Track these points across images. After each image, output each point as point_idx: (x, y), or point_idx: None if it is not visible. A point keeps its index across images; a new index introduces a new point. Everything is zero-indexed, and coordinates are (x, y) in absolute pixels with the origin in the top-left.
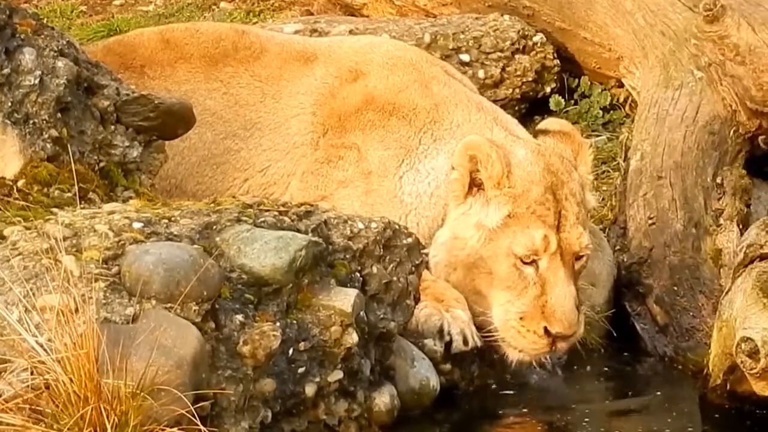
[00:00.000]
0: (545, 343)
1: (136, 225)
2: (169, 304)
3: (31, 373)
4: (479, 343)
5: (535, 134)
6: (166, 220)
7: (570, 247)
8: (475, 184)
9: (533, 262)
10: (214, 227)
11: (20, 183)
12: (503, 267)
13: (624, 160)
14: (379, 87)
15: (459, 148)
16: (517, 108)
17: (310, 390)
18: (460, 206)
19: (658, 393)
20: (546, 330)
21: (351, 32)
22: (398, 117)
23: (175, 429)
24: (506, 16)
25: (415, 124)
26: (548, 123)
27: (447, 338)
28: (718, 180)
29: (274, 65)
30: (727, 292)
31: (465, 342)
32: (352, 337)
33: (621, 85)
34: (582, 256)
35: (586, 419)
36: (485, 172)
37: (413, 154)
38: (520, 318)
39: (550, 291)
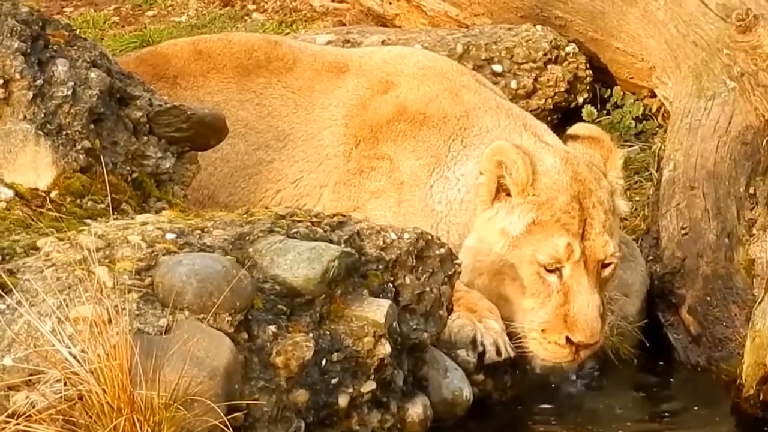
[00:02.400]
0: (567, 352)
1: (169, 236)
2: (201, 315)
3: (65, 384)
4: (512, 354)
5: (565, 140)
6: (199, 231)
7: (595, 255)
8: (502, 190)
9: (557, 270)
10: (247, 238)
11: (53, 194)
12: (527, 274)
13: (657, 170)
14: (410, 97)
15: (486, 153)
16: (549, 118)
17: (343, 401)
18: (487, 211)
19: (691, 403)
20: (568, 339)
21: (383, 43)
22: (429, 126)
23: None
24: (539, 27)
25: (445, 132)
26: (578, 128)
27: (480, 349)
28: (751, 190)
29: (306, 76)
30: (760, 302)
31: (498, 352)
32: (385, 348)
33: (653, 96)
34: (609, 264)
35: (619, 430)
36: (510, 178)
37: (443, 162)
38: (542, 330)
39: (573, 300)
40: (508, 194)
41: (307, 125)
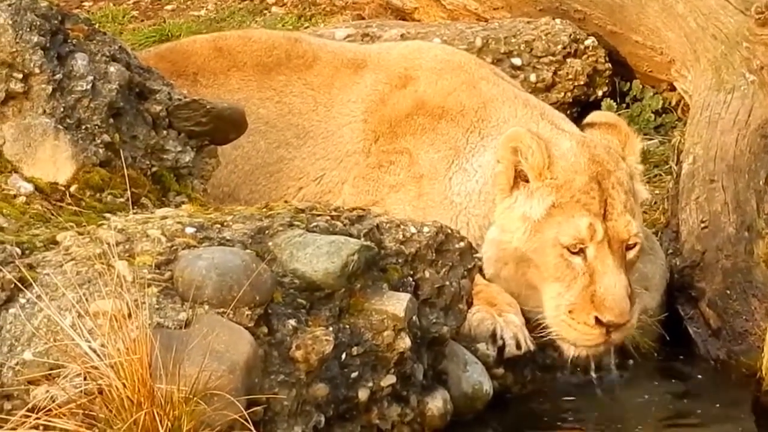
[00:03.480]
0: (597, 333)
1: (189, 230)
2: (221, 309)
3: (85, 379)
4: (532, 348)
5: (582, 128)
6: (219, 225)
7: (618, 234)
8: (520, 177)
9: (580, 252)
10: (267, 232)
11: (73, 188)
12: (551, 258)
13: (676, 164)
14: (429, 91)
15: (502, 141)
16: (568, 112)
17: (362, 395)
18: (506, 200)
19: (711, 397)
20: (597, 320)
21: (402, 36)
22: (447, 120)
23: None
24: (558, 20)
25: (463, 124)
26: (594, 116)
27: (500, 342)
28: None
29: (325, 73)
30: None
31: (518, 346)
32: (405, 342)
33: (673, 89)
34: (633, 246)
35: (639, 426)
36: (526, 163)
37: (461, 154)
38: (570, 311)
39: (599, 279)
40: (527, 181)
41: (326, 122)
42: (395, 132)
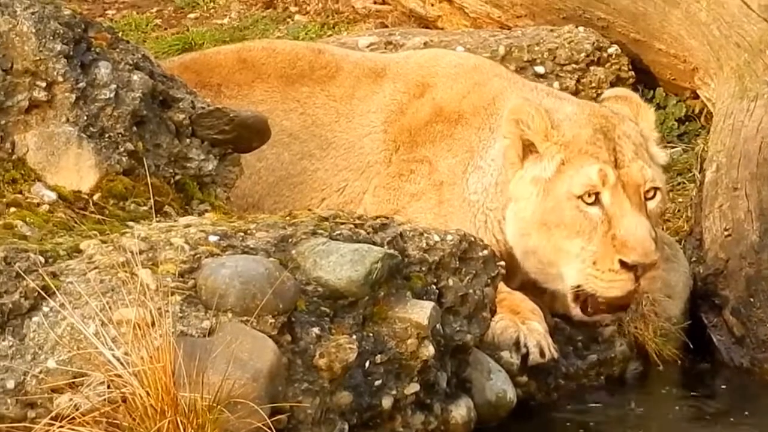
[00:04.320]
0: (626, 277)
1: (212, 238)
2: (245, 317)
3: (108, 387)
4: (556, 355)
5: None
6: (242, 234)
7: (632, 179)
8: (528, 149)
9: (596, 201)
10: (290, 240)
11: (96, 197)
12: (567, 212)
13: (699, 172)
14: (445, 97)
15: (504, 116)
16: None
17: (386, 402)
18: (518, 172)
19: (735, 405)
20: (623, 263)
21: (425, 44)
22: (462, 124)
23: None
24: (581, 28)
25: (474, 123)
26: (608, 92)
27: (523, 350)
28: None
29: (347, 84)
30: None
31: (542, 354)
32: (429, 350)
33: (696, 97)
34: (653, 195)
35: None
36: (530, 130)
37: (476, 153)
38: (594, 263)
39: (618, 223)
40: (534, 150)
41: (348, 133)
42: (415, 141)
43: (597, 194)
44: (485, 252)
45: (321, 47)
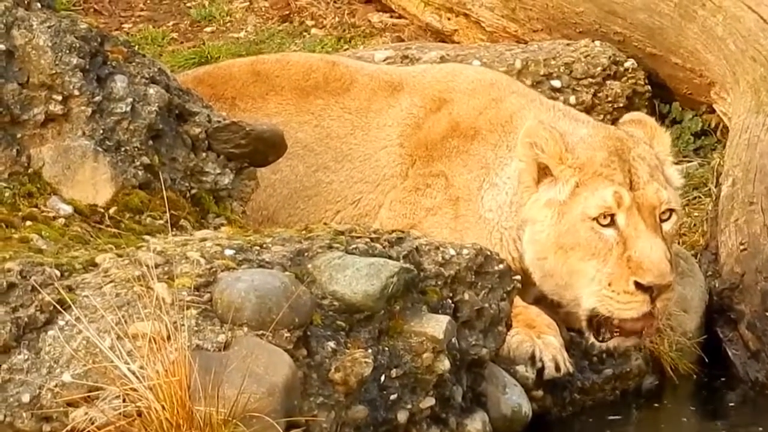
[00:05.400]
0: (641, 299)
1: (228, 252)
2: (260, 331)
3: (123, 401)
4: (571, 369)
5: None
6: (258, 247)
7: (648, 201)
8: (543, 172)
9: (611, 223)
10: (306, 254)
11: (112, 210)
12: (582, 234)
13: (715, 186)
14: (462, 113)
15: (519, 139)
16: None
17: (402, 417)
18: (533, 195)
19: (751, 419)
20: (638, 285)
21: (442, 58)
22: (479, 140)
23: None
24: (597, 42)
25: (491, 141)
26: (624, 117)
27: (539, 365)
28: None
29: (362, 97)
30: None
31: (557, 368)
32: (444, 364)
33: (712, 111)
34: (668, 217)
35: None
36: (544, 153)
37: (491, 170)
38: (609, 284)
39: (633, 244)
40: (549, 173)
41: (363, 146)
42: (431, 155)
43: (612, 216)
44: (501, 266)
45: (335, 59)
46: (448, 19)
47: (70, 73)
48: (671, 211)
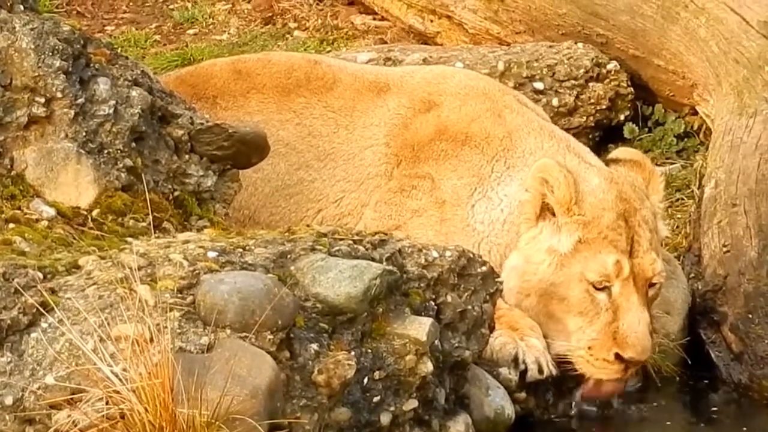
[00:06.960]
0: (616, 369)
1: (211, 254)
2: (243, 334)
3: (107, 403)
4: (554, 372)
5: (607, 163)
6: (241, 250)
7: (643, 272)
8: (547, 209)
9: (606, 288)
10: (289, 256)
11: (95, 212)
12: (575, 293)
13: (698, 188)
14: (452, 117)
15: (532, 170)
16: (590, 136)
17: (385, 419)
18: (532, 230)
19: (733, 421)
20: (617, 356)
21: (425, 61)
22: (471, 146)
23: None
24: (580, 44)
25: (488, 152)
26: (619, 152)
27: (522, 367)
28: None
29: (347, 96)
30: None
31: (540, 371)
32: (427, 366)
33: (695, 113)
34: (655, 284)
35: None
36: (552, 196)
37: (486, 182)
38: (589, 348)
39: (623, 316)
40: (553, 214)
41: (348, 145)
42: (418, 157)
43: (608, 284)
44: (484, 268)
45: (317, 58)
46: (431, 21)
47: (53, 75)
48: (660, 281)
